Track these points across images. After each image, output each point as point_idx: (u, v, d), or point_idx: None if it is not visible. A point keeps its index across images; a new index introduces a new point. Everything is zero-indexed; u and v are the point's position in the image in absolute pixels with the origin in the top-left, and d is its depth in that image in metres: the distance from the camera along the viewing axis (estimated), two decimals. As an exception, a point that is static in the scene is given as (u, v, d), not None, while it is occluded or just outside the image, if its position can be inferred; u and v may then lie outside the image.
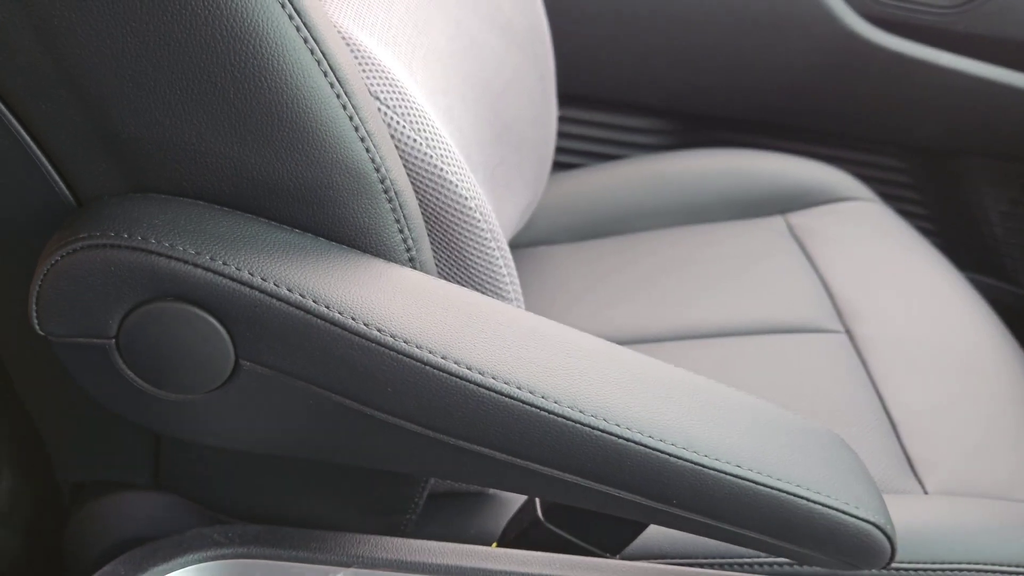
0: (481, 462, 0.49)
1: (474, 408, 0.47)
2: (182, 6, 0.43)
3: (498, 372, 0.47)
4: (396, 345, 0.47)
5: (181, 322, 0.47)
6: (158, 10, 0.43)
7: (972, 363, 0.83)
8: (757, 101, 1.14)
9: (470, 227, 0.60)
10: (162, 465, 0.58)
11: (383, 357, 0.47)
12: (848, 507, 0.51)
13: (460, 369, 0.47)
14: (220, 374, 0.48)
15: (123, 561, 0.52)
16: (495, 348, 0.49)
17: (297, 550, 0.53)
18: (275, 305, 0.46)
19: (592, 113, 1.17)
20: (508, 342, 0.49)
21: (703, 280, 0.91)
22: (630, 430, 0.48)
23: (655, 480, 0.49)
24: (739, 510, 0.50)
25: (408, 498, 0.58)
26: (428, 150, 0.57)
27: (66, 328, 0.47)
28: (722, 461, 0.49)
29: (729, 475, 0.49)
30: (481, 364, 0.47)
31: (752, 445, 0.51)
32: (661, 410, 0.50)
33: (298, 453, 0.52)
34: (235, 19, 0.44)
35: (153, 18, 0.43)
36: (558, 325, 0.53)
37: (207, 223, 0.47)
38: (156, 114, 0.46)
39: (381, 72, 0.57)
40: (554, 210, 0.99)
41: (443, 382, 0.47)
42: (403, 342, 0.47)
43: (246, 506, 0.58)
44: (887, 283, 0.91)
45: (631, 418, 0.48)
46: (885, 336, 0.84)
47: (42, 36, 0.44)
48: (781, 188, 1.00)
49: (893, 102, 1.12)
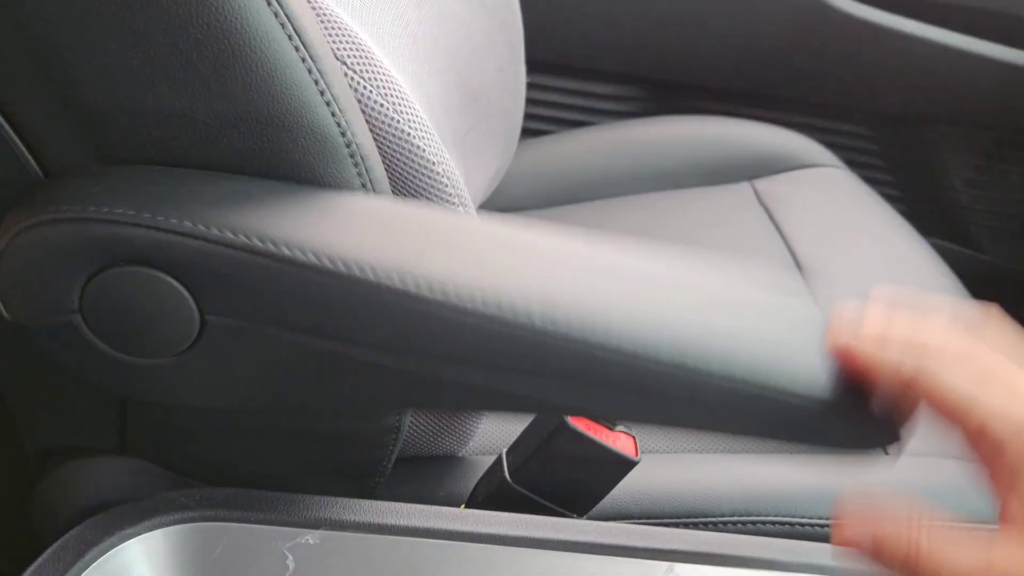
0: (458, 387, 0.48)
1: (437, 328, 0.45)
2: None
3: (460, 290, 0.45)
4: (349, 274, 0.45)
5: (139, 285, 0.46)
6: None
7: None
8: (726, 68, 1.15)
9: (437, 192, 0.60)
10: (128, 430, 0.58)
11: (340, 288, 0.45)
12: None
13: (419, 292, 0.45)
14: (189, 333, 0.48)
15: (90, 525, 0.52)
16: (455, 263, 0.47)
17: (265, 512, 0.53)
18: (224, 252, 0.45)
19: (561, 80, 1.17)
20: (468, 256, 0.48)
21: (671, 245, 0.91)
22: (607, 336, 0.45)
23: (643, 387, 0.45)
24: (736, 417, 0.46)
25: (377, 460, 0.59)
26: (395, 115, 0.57)
27: (32, 312, 0.47)
28: (702, 362, 0.45)
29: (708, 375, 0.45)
30: (443, 282, 0.45)
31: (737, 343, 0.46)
32: (643, 310, 0.47)
33: (275, 406, 0.52)
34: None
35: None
36: (516, 228, 0.51)
37: (152, 185, 0.47)
38: (119, 81, 0.45)
39: (348, 37, 0.57)
40: (523, 176, 0.99)
41: (404, 307, 0.45)
42: (356, 269, 0.45)
43: (213, 470, 0.58)
44: (850, 247, 0.92)
45: (609, 327, 0.45)
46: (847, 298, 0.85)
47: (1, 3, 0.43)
48: (748, 155, 1.01)
49: (861, 70, 1.13)
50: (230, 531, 0.53)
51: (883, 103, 1.16)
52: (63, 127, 0.47)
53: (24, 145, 0.48)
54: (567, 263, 0.49)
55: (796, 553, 0.56)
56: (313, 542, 0.53)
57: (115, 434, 0.58)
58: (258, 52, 0.45)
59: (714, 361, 0.45)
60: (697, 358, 0.45)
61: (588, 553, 0.54)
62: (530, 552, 0.54)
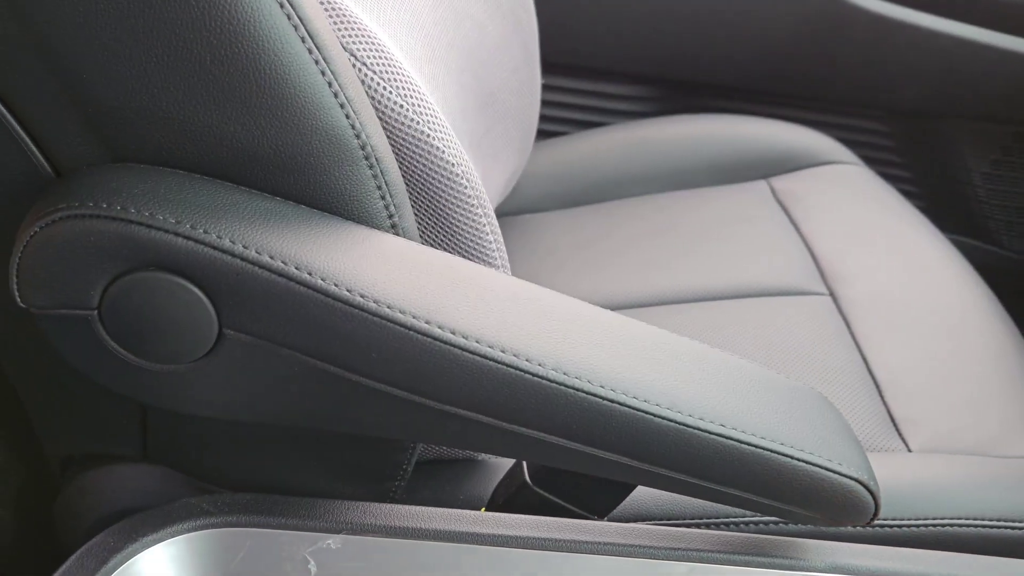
0: (467, 426, 0.49)
1: (458, 372, 0.47)
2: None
3: (482, 336, 0.48)
4: (379, 310, 0.47)
5: (163, 292, 0.47)
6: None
7: (955, 323, 0.83)
8: (740, 67, 1.14)
9: (456, 193, 0.60)
10: (149, 436, 0.58)
11: (366, 322, 0.47)
12: (831, 464, 0.51)
13: (444, 333, 0.47)
14: (204, 343, 0.48)
15: (112, 532, 0.52)
16: (478, 312, 0.49)
17: (286, 518, 0.53)
18: (257, 272, 0.46)
19: (575, 81, 1.17)
20: (491, 306, 0.49)
21: (688, 245, 0.91)
22: (614, 391, 0.48)
23: (639, 440, 0.49)
24: (723, 469, 0.50)
25: (396, 465, 0.59)
26: (414, 115, 0.57)
27: (48, 300, 0.47)
28: (706, 420, 0.49)
29: (713, 434, 0.49)
30: (465, 328, 0.47)
31: (735, 404, 0.51)
32: (645, 371, 0.50)
33: (285, 421, 0.52)
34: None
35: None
36: (541, 288, 0.53)
37: (187, 192, 0.47)
38: (132, 83, 0.45)
39: (367, 37, 0.57)
40: (539, 178, 0.99)
41: (427, 347, 0.47)
42: (386, 307, 0.47)
43: (234, 476, 0.58)
44: (870, 245, 0.91)
45: (615, 379, 0.49)
46: (868, 297, 0.84)
47: (13, 6, 0.43)
48: (764, 153, 1.01)
49: (876, 65, 1.13)
50: (252, 536, 0.53)
51: (899, 98, 1.16)
52: (75, 126, 0.47)
53: (34, 143, 0.48)
54: (573, 319, 0.52)
55: (818, 553, 0.55)
56: (335, 546, 0.53)
57: (136, 441, 0.59)
58: (271, 55, 0.45)
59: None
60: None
61: (609, 555, 0.54)
62: (551, 555, 0.54)
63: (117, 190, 0.46)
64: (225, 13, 0.44)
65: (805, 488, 0.51)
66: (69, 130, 0.47)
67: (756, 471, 0.51)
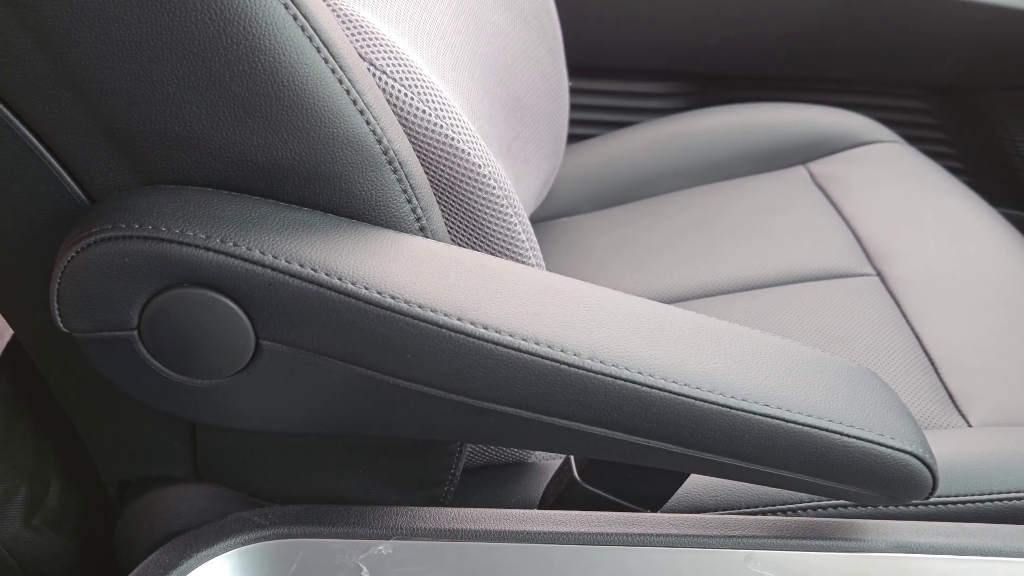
0: (508, 422, 0.49)
1: (493, 367, 0.47)
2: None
3: (515, 329, 0.47)
4: (410, 310, 0.47)
5: (200, 307, 0.47)
6: (146, 0, 0.44)
7: (1008, 296, 0.81)
8: (767, 54, 1.13)
9: (485, 195, 0.60)
10: (199, 457, 0.59)
11: (399, 324, 0.47)
12: (884, 439, 0.50)
13: (476, 329, 0.47)
14: (242, 356, 0.48)
15: (167, 550, 0.52)
16: (510, 306, 0.49)
17: (337, 526, 0.54)
18: (289, 282, 0.47)
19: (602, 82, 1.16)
20: (523, 299, 0.49)
21: (729, 236, 0.90)
22: (652, 376, 0.48)
23: (682, 426, 0.48)
24: (772, 450, 0.49)
25: (444, 469, 0.59)
26: (438, 120, 0.57)
27: (89, 323, 0.48)
28: (748, 401, 0.49)
29: (757, 415, 0.48)
30: (497, 323, 0.47)
31: (778, 383, 0.50)
32: (683, 355, 0.49)
33: (328, 430, 0.52)
34: (223, 2, 0.44)
35: (143, 8, 0.44)
36: (573, 280, 0.53)
37: (216, 208, 0.48)
38: (156, 106, 0.46)
39: (385, 45, 0.57)
40: (573, 181, 0.99)
41: (460, 344, 0.47)
42: (417, 307, 0.47)
43: (284, 489, 0.58)
44: (916, 222, 0.89)
45: (652, 364, 0.48)
46: (918, 275, 0.82)
47: (38, 38, 0.45)
48: (800, 138, 0.99)
49: (909, 40, 1.11)
50: (304, 547, 0.53)
51: (935, 73, 1.13)
52: (105, 152, 0.48)
53: (67, 172, 0.49)
54: (608, 308, 0.52)
55: (879, 533, 0.54)
56: (386, 552, 0.53)
57: (187, 462, 0.59)
58: (287, 67, 0.46)
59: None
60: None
61: (663, 546, 0.53)
62: (602, 549, 0.53)
63: (148, 211, 0.47)
64: (241, 30, 0.45)
65: (858, 465, 0.50)
66: (99, 156, 0.48)
67: (805, 450, 0.50)
